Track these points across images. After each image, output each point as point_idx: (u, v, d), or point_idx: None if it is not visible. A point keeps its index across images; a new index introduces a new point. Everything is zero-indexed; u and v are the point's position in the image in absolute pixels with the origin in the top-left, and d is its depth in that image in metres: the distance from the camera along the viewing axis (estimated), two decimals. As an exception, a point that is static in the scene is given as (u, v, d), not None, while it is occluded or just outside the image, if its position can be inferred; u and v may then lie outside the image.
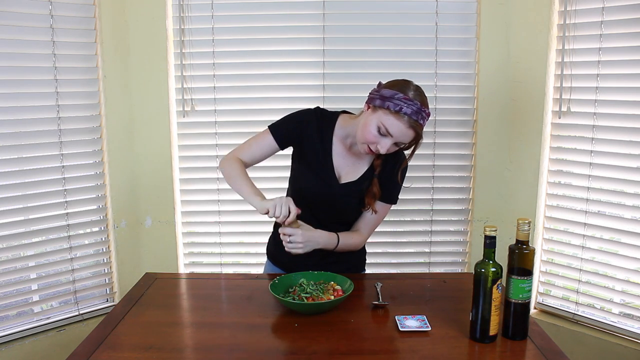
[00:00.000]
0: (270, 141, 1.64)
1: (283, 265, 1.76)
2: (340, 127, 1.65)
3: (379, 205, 1.66)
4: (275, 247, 1.78)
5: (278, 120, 1.67)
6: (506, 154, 2.42)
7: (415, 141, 1.51)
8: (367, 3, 2.37)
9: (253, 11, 2.36)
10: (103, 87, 2.31)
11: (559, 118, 2.23)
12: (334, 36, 2.37)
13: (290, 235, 1.50)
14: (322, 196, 1.63)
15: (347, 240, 1.65)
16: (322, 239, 1.57)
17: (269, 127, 1.66)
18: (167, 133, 2.43)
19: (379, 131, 1.47)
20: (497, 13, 2.32)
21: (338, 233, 1.63)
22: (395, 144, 1.49)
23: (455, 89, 2.42)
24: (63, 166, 2.25)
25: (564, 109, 2.22)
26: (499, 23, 2.32)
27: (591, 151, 2.16)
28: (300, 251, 1.52)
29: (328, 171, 1.63)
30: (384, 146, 1.48)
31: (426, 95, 1.52)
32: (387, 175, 1.64)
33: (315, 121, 1.64)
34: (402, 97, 1.45)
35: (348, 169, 1.64)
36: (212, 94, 2.42)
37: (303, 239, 1.51)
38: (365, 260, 1.85)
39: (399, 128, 1.45)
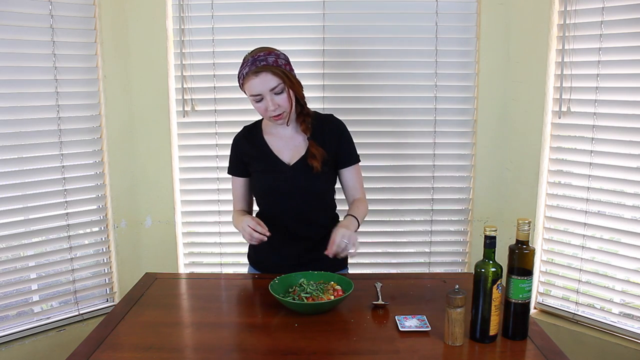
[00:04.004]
0: (237, 181, 1.81)
1: (266, 269, 1.80)
2: (265, 125, 1.77)
3: (349, 170, 1.76)
4: (255, 253, 1.84)
5: (229, 162, 1.82)
6: (506, 154, 2.41)
7: (284, 75, 1.58)
8: (367, 3, 2.37)
9: (253, 11, 2.36)
10: (103, 87, 2.31)
11: (559, 118, 2.23)
12: (334, 36, 2.37)
13: (346, 244, 1.55)
14: (282, 186, 1.69)
15: (360, 211, 1.71)
16: (352, 227, 1.62)
17: (228, 172, 1.83)
18: (167, 133, 2.43)
19: (256, 102, 1.60)
20: (497, 13, 2.31)
21: (349, 213, 1.69)
22: (275, 94, 1.58)
23: (455, 89, 2.42)
24: (63, 166, 2.25)
25: (564, 109, 2.22)
26: (499, 23, 2.32)
27: (591, 151, 2.16)
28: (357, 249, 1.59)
29: (274, 163, 1.71)
30: (270, 105, 1.58)
31: (275, 48, 1.65)
32: (333, 143, 1.72)
33: (242, 137, 1.79)
34: (240, 68, 1.61)
35: (291, 152, 1.71)
36: (212, 94, 2.42)
37: (354, 238, 1.56)
38: (346, 257, 1.86)
39: (254, 84, 1.57)
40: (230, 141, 2.41)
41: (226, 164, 2.43)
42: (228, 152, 2.42)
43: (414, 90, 2.42)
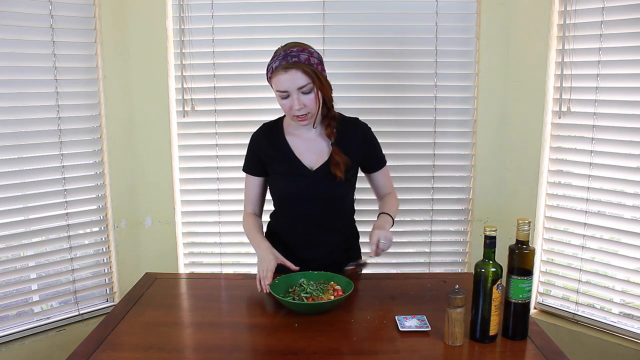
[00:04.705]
0: (252, 180, 1.75)
1: (281, 272, 1.74)
2: (287, 125, 1.71)
3: (379, 173, 1.76)
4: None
5: (245, 160, 1.76)
6: (506, 154, 2.42)
7: (314, 75, 1.52)
8: (367, 3, 2.37)
9: (253, 11, 2.36)
10: (103, 87, 2.31)
11: (559, 118, 2.23)
12: (334, 36, 2.37)
13: (380, 244, 1.58)
14: (302, 191, 1.65)
15: (391, 206, 1.73)
16: (387, 225, 1.65)
17: (243, 170, 1.76)
18: (167, 133, 2.43)
19: (282, 98, 1.54)
20: (497, 13, 2.31)
21: (382, 212, 1.70)
22: (302, 92, 1.52)
23: (455, 89, 2.42)
24: (63, 166, 2.25)
25: (564, 109, 2.22)
26: (499, 23, 2.32)
27: (591, 151, 2.16)
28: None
29: (297, 167, 1.66)
30: (296, 104, 1.52)
31: (311, 46, 1.60)
32: (358, 151, 1.69)
33: (262, 136, 1.72)
34: (270, 61, 1.56)
35: (314, 156, 1.66)
36: (212, 94, 2.42)
37: (390, 237, 1.59)
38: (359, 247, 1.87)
39: (281, 80, 1.51)
40: (231, 141, 2.46)
41: (226, 164, 2.46)
42: (228, 152, 2.46)
43: (414, 90, 2.42)
